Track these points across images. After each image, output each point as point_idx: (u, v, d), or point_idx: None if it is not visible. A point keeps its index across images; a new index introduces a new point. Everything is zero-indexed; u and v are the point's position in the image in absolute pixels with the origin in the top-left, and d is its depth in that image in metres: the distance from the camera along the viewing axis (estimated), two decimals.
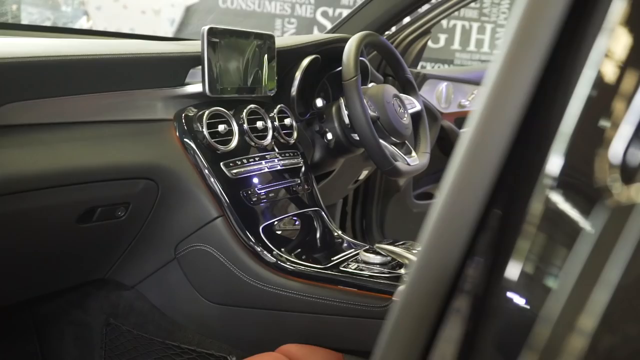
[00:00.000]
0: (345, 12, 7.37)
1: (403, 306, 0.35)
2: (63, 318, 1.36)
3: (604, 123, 0.30)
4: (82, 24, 6.17)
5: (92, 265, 1.25)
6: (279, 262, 1.19)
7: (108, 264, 1.26)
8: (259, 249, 1.20)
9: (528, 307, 0.30)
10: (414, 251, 1.19)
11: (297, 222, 1.34)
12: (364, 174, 1.90)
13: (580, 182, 0.31)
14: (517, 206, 0.33)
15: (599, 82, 0.30)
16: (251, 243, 1.20)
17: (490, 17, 6.75)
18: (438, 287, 0.33)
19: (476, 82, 2.21)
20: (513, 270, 0.30)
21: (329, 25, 6.47)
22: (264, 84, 1.36)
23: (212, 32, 1.22)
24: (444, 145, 2.17)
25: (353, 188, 1.99)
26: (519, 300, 0.30)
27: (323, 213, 1.39)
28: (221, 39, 1.24)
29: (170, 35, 5.90)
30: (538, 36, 0.31)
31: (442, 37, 6.43)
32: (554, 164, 0.30)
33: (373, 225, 2.15)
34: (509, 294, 0.30)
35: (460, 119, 2.25)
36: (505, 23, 6.71)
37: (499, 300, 0.31)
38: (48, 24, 5.68)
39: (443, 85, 2.12)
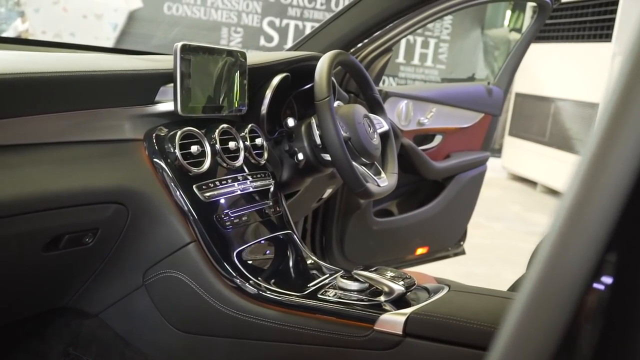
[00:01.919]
0: (292, 23, 7.40)
1: None
2: (18, 348, 1.28)
3: None
4: (17, 26, 5.93)
5: (54, 294, 1.18)
6: (254, 289, 1.15)
7: (71, 292, 1.19)
8: (234, 276, 1.15)
9: None
10: (387, 275, 1.17)
11: (270, 247, 1.30)
12: (327, 192, 1.88)
13: None
14: None
15: None
16: (226, 270, 1.15)
17: (434, 32, 6.89)
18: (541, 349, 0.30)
19: (435, 101, 2.23)
20: None
21: (275, 36, 6.46)
22: (235, 102, 1.32)
23: (185, 48, 1.17)
24: (403, 162, 2.17)
25: (316, 206, 1.96)
26: None
27: (295, 236, 1.35)
28: (194, 56, 1.19)
29: (112, 40, 5.74)
30: None
31: None
32: None
33: (333, 242, 2.13)
34: None
35: (418, 136, 2.26)
36: (448, 38, 6.86)
37: None
38: None
39: (403, 103, 2.12)
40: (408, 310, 1.07)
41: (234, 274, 1.15)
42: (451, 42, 7.00)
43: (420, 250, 2.42)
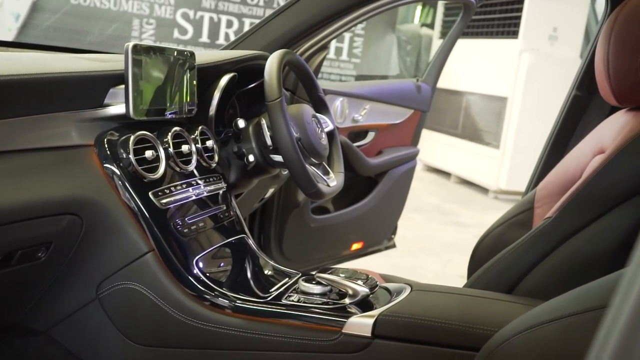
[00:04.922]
0: (207, 16, 7.23)
1: None
2: None
3: None
4: None
5: (2, 313, 1.09)
6: (216, 297, 1.12)
7: (18, 311, 1.11)
8: (196, 286, 1.11)
9: None
10: (347, 276, 1.16)
11: (227, 252, 1.27)
12: (270, 192, 1.86)
13: None
14: None
15: None
16: (186, 279, 1.11)
17: None
18: None
19: (369, 98, 2.26)
20: None
21: (189, 28, 6.30)
22: (185, 103, 1.28)
23: (136, 49, 1.12)
24: None
25: (258, 206, 1.94)
26: None
27: (250, 240, 1.33)
28: (145, 57, 1.14)
29: (14, 31, 5.41)
30: None
31: None
32: None
33: (271, 241, 2.11)
34: None
35: (352, 133, 2.28)
36: (362, 33, 6.95)
37: None
38: None
39: (339, 101, 2.13)
40: (376, 312, 1.08)
41: (196, 283, 1.12)
42: (365, 36, 7.09)
43: (355, 246, 2.44)
